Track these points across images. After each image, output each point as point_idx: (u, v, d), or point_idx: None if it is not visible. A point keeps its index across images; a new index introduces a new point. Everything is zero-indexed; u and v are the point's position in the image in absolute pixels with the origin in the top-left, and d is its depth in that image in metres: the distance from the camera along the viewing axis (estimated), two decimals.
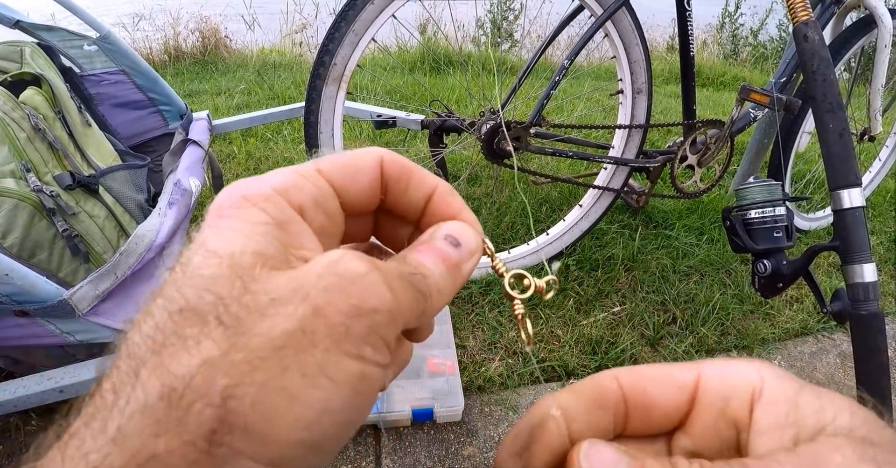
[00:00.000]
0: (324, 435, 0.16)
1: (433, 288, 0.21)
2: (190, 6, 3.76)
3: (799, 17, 1.02)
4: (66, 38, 1.41)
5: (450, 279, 0.22)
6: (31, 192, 0.93)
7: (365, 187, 0.23)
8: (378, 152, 0.23)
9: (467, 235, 0.23)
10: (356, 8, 1.13)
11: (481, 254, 0.24)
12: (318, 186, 0.21)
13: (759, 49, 4.53)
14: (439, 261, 0.22)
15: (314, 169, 0.22)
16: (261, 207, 0.19)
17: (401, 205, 0.24)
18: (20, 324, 0.83)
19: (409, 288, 0.19)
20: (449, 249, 0.22)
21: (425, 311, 0.21)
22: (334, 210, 0.22)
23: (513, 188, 1.88)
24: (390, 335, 0.18)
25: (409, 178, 0.24)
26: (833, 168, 0.96)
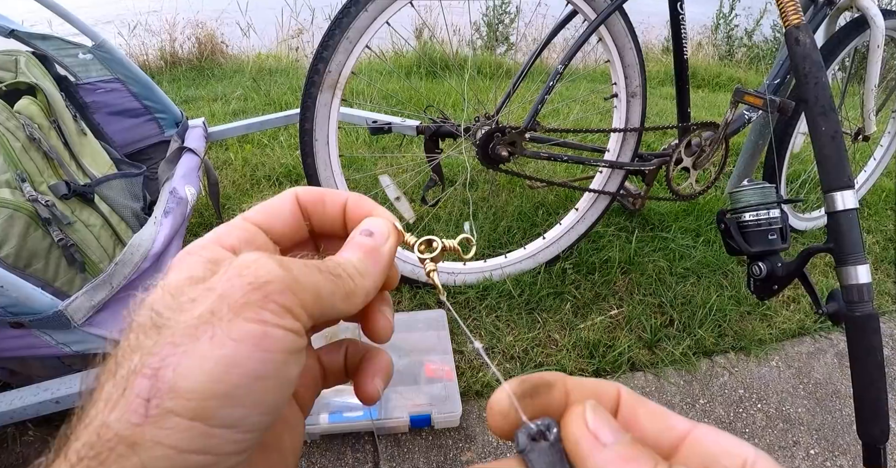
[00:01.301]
0: (235, 385, 0.19)
1: (349, 269, 0.25)
2: (186, 12, 3.77)
3: (790, 21, 1.03)
4: (60, 46, 1.41)
5: (370, 261, 0.26)
6: (27, 201, 0.93)
7: (287, 219, 0.28)
8: (292, 190, 0.29)
9: (377, 224, 0.28)
10: (350, 15, 1.14)
11: (397, 238, 0.28)
12: (243, 228, 0.26)
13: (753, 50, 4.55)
14: (356, 249, 0.27)
15: (240, 218, 0.27)
16: (198, 254, 0.24)
17: (326, 225, 0.29)
18: (16, 336, 0.83)
19: (313, 270, 0.23)
20: (363, 239, 0.27)
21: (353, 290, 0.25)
22: (264, 244, 0.27)
23: (509, 192, 1.88)
24: (289, 301, 0.21)
25: (322, 200, 0.29)
26: (826, 170, 0.96)
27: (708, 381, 1.32)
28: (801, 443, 1.19)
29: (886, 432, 0.91)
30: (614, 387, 0.24)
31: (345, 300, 0.24)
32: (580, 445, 0.20)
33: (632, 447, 0.20)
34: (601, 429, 0.20)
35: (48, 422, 1.09)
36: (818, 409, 1.27)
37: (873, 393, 0.92)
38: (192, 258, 0.23)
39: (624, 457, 0.19)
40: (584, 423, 0.21)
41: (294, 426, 0.27)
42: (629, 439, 0.20)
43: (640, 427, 0.23)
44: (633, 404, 0.23)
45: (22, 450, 1.05)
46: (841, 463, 1.16)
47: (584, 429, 0.20)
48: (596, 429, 0.20)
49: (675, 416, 0.23)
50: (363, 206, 0.29)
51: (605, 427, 0.20)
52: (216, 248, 0.24)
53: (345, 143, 2.20)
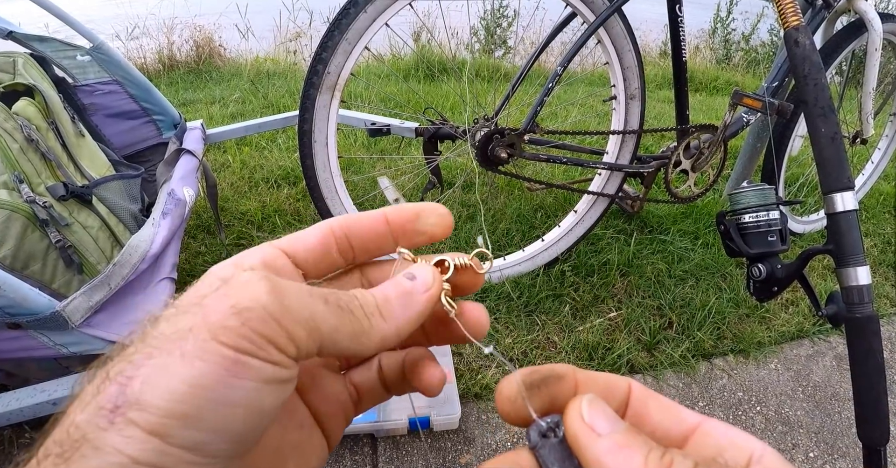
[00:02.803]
0: (198, 407, 0.18)
1: (368, 306, 0.23)
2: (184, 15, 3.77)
3: (789, 23, 1.03)
4: (58, 48, 1.41)
5: (398, 303, 0.24)
6: (24, 203, 0.92)
7: (311, 244, 0.26)
8: (327, 221, 0.27)
9: (423, 270, 0.26)
10: (349, 17, 1.14)
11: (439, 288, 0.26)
12: (265, 251, 0.25)
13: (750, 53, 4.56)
14: (388, 288, 0.25)
15: (266, 243, 0.26)
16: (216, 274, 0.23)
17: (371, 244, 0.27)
18: (13, 337, 0.82)
19: (316, 300, 0.22)
20: (402, 279, 0.25)
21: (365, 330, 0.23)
22: (285, 266, 0.25)
23: (507, 195, 1.88)
24: (270, 331, 0.20)
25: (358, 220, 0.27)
26: (825, 172, 0.96)
27: (707, 384, 1.31)
28: (800, 445, 1.19)
29: (887, 434, 0.91)
30: (625, 381, 0.25)
31: (352, 339, 0.23)
32: (578, 437, 0.21)
33: (626, 435, 0.20)
34: (597, 420, 0.21)
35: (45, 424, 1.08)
36: (817, 412, 1.27)
37: (873, 395, 0.92)
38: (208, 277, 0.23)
39: (619, 445, 0.20)
40: (580, 416, 0.21)
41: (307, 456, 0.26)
42: (624, 427, 0.21)
43: (650, 420, 0.23)
44: (644, 398, 0.24)
45: (19, 452, 1.04)
46: (840, 465, 1.16)
47: (581, 422, 0.21)
48: (592, 420, 0.21)
49: (685, 410, 0.23)
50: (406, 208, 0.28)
51: (601, 418, 0.21)
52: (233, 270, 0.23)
53: (343, 146, 2.19)
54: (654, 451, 0.20)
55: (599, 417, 0.21)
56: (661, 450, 0.20)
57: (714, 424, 0.22)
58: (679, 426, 0.23)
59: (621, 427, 0.21)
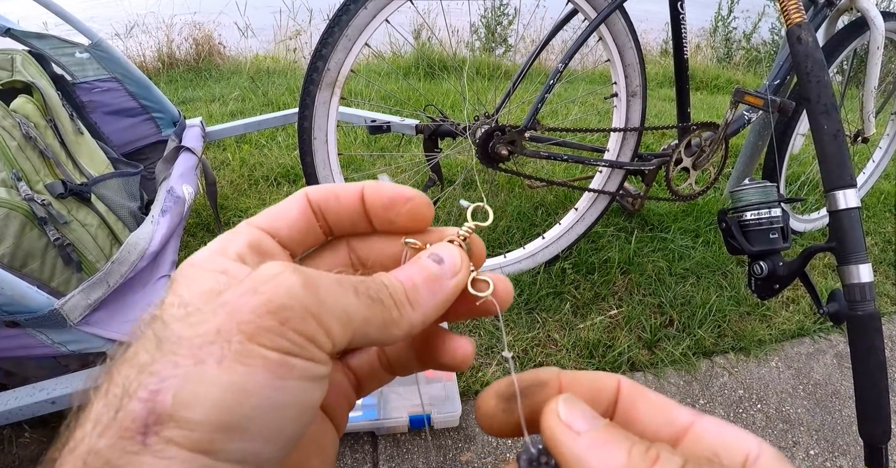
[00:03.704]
0: (247, 416, 0.17)
1: (398, 295, 0.22)
2: (183, 13, 3.76)
3: (792, 20, 1.03)
4: (57, 45, 1.40)
5: (427, 290, 0.23)
6: (23, 200, 0.92)
7: (294, 219, 0.24)
8: (302, 190, 0.25)
9: (450, 252, 0.24)
10: (349, 13, 1.13)
11: (466, 272, 0.24)
12: (247, 234, 0.23)
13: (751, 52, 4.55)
14: (415, 273, 0.23)
15: (244, 223, 0.24)
16: (203, 267, 0.21)
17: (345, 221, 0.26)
18: (11, 335, 0.82)
19: (347, 290, 0.20)
20: (429, 263, 0.23)
21: (395, 320, 0.22)
22: (271, 248, 0.23)
23: (508, 192, 1.88)
24: (310, 329, 0.19)
25: (334, 194, 0.25)
26: (828, 169, 0.96)
27: (708, 382, 1.31)
28: (800, 443, 1.19)
29: (888, 432, 0.90)
30: (613, 379, 0.23)
31: (382, 330, 0.21)
32: (556, 436, 0.20)
33: (607, 431, 0.20)
34: (574, 418, 0.20)
35: (44, 423, 1.08)
36: (818, 410, 1.27)
37: (875, 392, 0.91)
38: (197, 270, 0.21)
39: (598, 442, 0.19)
40: (556, 415, 0.21)
41: (325, 448, 0.25)
42: (604, 424, 0.20)
43: (639, 420, 0.22)
44: (633, 397, 0.23)
45: (18, 451, 1.04)
46: (841, 463, 1.15)
47: (557, 420, 0.20)
48: (568, 419, 0.20)
49: (677, 408, 0.22)
50: (383, 192, 0.25)
51: (578, 416, 0.20)
52: (222, 260, 0.21)
53: (343, 143, 2.19)
54: (637, 446, 0.19)
55: (577, 416, 0.20)
56: (645, 444, 0.19)
57: (707, 424, 0.21)
58: (670, 427, 0.22)
59: (600, 424, 0.20)
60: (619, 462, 0.18)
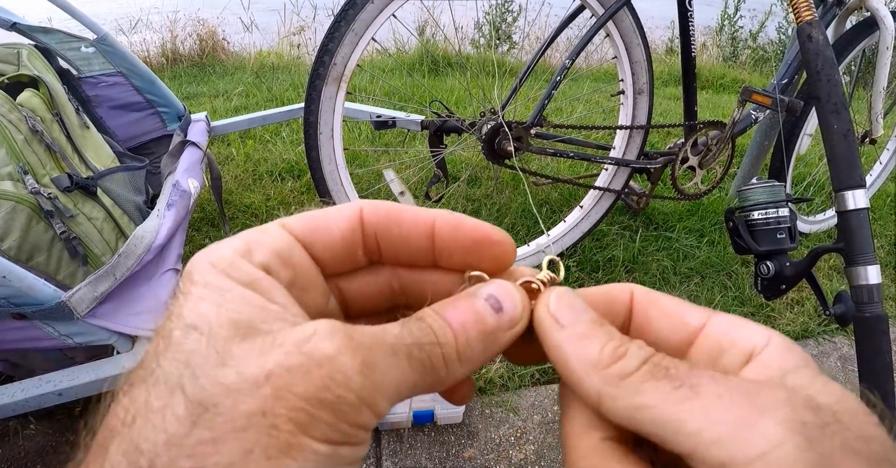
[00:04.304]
0: None
1: (450, 354, 0.20)
2: (187, 9, 3.76)
3: (803, 17, 1.02)
4: (63, 40, 1.40)
5: (480, 347, 0.21)
6: (29, 194, 0.92)
7: (336, 238, 0.22)
8: (357, 203, 0.22)
9: (513, 300, 0.21)
10: (356, 7, 1.13)
11: (525, 323, 0.22)
12: (278, 239, 0.21)
13: (758, 51, 4.54)
14: (472, 325, 0.20)
15: (277, 224, 0.21)
16: (226, 273, 0.19)
17: (403, 252, 0.23)
18: (18, 327, 0.82)
19: (402, 361, 0.19)
20: (487, 312, 0.21)
21: (441, 380, 0.20)
22: (303, 261, 0.21)
23: (513, 189, 1.87)
24: (363, 418, 0.17)
25: (398, 221, 0.22)
26: (837, 169, 0.95)
27: None
28: None
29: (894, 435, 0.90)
30: (626, 290, 0.24)
31: (424, 390, 0.20)
32: (542, 326, 0.21)
33: (588, 326, 0.20)
34: (561, 312, 0.21)
35: (50, 415, 1.08)
36: None
37: (881, 395, 0.91)
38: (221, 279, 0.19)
39: (577, 336, 0.20)
40: (546, 308, 0.21)
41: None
42: (589, 319, 0.21)
43: (651, 329, 0.23)
44: (646, 305, 0.23)
45: (24, 443, 1.04)
46: None
47: (546, 312, 0.21)
48: (556, 312, 0.21)
49: (690, 310, 0.22)
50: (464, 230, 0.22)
51: (566, 310, 0.21)
52: (247, 267, 0.19)
53: (348, 139, 2.19)
54: (612, 342, 0.20)
55: (563, 309, 0.21)
56: (619, 341, 0.20)
57: (717, 324, 0.21)
58: (681, 332, 0.22)
59: (585, 318, 0.21)
60: (591, 356, 0.20)
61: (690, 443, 0.17)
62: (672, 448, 0.18)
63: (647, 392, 0.18)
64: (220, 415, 0.16)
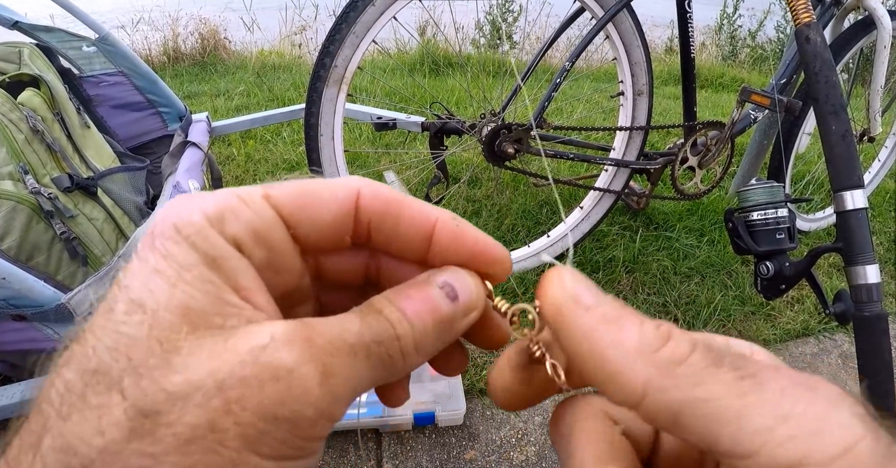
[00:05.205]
0: None
1: (409, 348, 0.19)
2: (189, 7, 3.76)
3: (801, 19, 1.02)
4: (64, 39, 1.40)
5: (434, 335, 0.19)
6: (29, 194, 0.92)
7: (326, 221, 0.20)
8: (354, 184, 0.20)
9: (468, 288, 0.20)
10: (357, 9, 1.13)
11: (481, 310, 0.21)
12: (259, 214, 0.18)
13: (757, 50, 4.54)
14: (427, 313, 0.19)
15: (261, 193, 0.19)
16: (190, 241, 0.17)
17: (394, 245, 0.21)
18: (18, 329, 0.82)
19: (363, 361, 0.18)
20: (442, 301, 0.20)
21: (397, 372, 0.19)
22: (282, 243, 0.19)
23: (513, 190, 1.87)
24: (318, 431, 0.16)
25: (398, 214, 0.20)
26: (836, 169, 0.95)
27: None
28: None
29: None
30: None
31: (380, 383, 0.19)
32: (561, 311, 0.18)
33: (614, 307, 0.18)
34: (580, 291, 0.18)
35: None
36: None
37: (881, 393, 0.91)
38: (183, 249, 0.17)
39: (609, 318, 0.17)
40: (561, 287, 0.18)
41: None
42: (611, 299, 0.18)
43: None
44: None
45: None
46: None
47: (562, 292, 0.18)
48: (575, 292, 0.18)
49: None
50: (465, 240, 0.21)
51: (584, 290, 0.18)
52: (216, 239, 0.17)
53: (348, 140, 2.19)
54: (647, 322, 0.17)
55: (583, 289, 0.18)
56: (655, 322, 0.17)
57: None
58: None
59: (608, 299, 0.18)
60: (632, 340, 0.17)
61: (755, 443, 0.15)
62: (724, 448, 0.15)
63: (707, 382, 0.16)
64: (162, 426, 0.14)
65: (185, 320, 0.16)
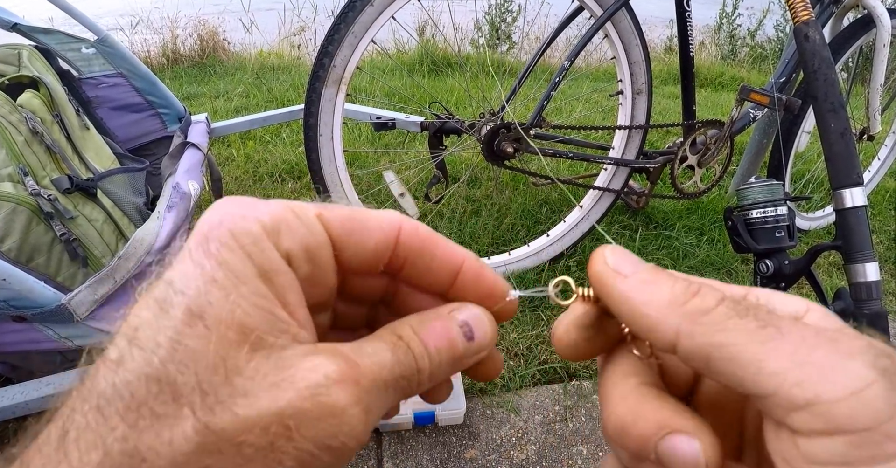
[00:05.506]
0: None
1: (425, 379, 0.21)
2: (188, 9, 3.76)
3: (800, 17, 1.02)
4: (63, 41, 1.40)
5: (447, 369, 0.22)
6: (29, 195, 0.92)
7: (368, 250, 0.22)
8: (398, 220, 0.22)
9: (483, 330, 0.23)
10: (355, 9, 1.13)
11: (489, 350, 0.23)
12: (312, 231, 0.20)
13: (756, 49, 4.54)
14: (445, 350, 0.21)
15: (314, 212, 0.21)
16: (247, 251, 0.18)
17: (424, 279, 0.24)
18: (18, 330, 0.82)
19: (392, 393, 0.20)
20: (460, 339, 0.22)
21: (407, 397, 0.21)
22: (326, 262, 0.21)
23: (513, 190, 1.87)
24: (353, 456, 0.19)
25: (432, 253, 0.23)
26: (835, 167, 0.96)
27: None
28: None
29: None
30: None
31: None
32: (603, 281, 0.21)
33: (650, 272, 0.21)
34: (620, 264, 0.21)
35: None
36: None
37: None
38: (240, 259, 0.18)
39: (644, 281, 0.20)
40: (604, 262, 0.21)
41: None
42: (650, 267, 0.21)
43: None
44: None
45: None
46: None
47: (605, 266, 0.21)
48: (616, 264, 0.21)
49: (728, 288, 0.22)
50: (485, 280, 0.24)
51: (623, 261, 0.21)
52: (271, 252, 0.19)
53: (348, 140, 2.19)
54: (679, 282, 0.20)
55: (622, 261, 0.21)
56: (687, 281, 0.20)
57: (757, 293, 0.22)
58: None
59: (646, 266, 0.21)
60: (664, 296, 0.19)
61: (772, 383, 0.17)
62: (747, 388, 0.17)
63: (731, 329, 0.18)
64: (227, 444, 0.16)
65: (244, 338, 0.17)
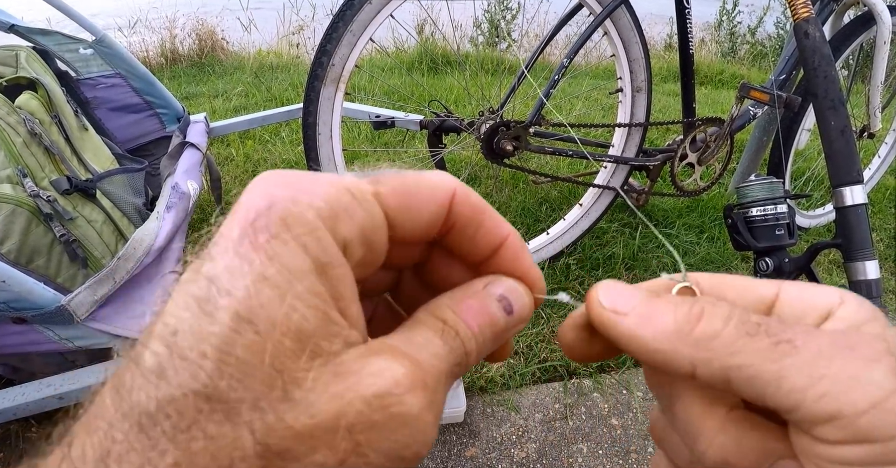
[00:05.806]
0: None
1: (473, 360, 0.20)
2: (186, 8, 3.76)
3: (800, 14, 1.02)
4: (61, 41, 1.40)
5: (490, 345, 0.21)
6: (28, 197, 0.92)
7: (423, 222, 0.20)
8: (451, 184, 0.20)
9: (522, 303, 0.22)
10: (354, 8, 1.13)
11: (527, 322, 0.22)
12: (371, 215, 0.18)
13: (756, 47, 4.53)
14: (487, 327, 0.20)
15: (371, 191, 0.18)
16: (302, 242, 0.16)
17: (464, 248, 0.22)
18: (18, 331, 0.82)
19: (450, 383, 0.19)
20: (500, 314, 0.21)
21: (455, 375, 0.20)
22: (380, 244, 0.19)
23: (512, 188, 1.87)
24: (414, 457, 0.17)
25: (479, 223, 0.21)
26: (835, 165, 0.95)
27: None
28: None
29: None
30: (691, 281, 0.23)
31: None
32: (604, 324, 0.21)
33: (647, 305, 0.20)
34: (615, 302, 0.21)
35: (50, 418, 1.09)
36: None
37: None
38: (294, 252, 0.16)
39: (643, 318, 0.20)
40: (599, 305, 0.21)
41: None
42: (643, 297, 0.20)
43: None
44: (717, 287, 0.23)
45: (25, 446, 1.04)
46: None
47: (602, 310, 0.21)
48: (611, 305, 0.21)
49: (761, 285, 0.22)
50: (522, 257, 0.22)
51: (618, 299, 0.21)
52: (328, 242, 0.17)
53: (347, 139, 2.19)
54: (679, 308, 0.19)
55: (616, 299, 0.21)
56: (687, 304, 0.19)
57: (787, 291, 0.21)
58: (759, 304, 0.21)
59: (640, 296, 0.20)
60: (668, 327, 0.19)
61: (793, 400, 0.17)
62: (771, 405, 0.17)
63: (743, 351, 0.18)
64: (292, 463, 0.15)
65: (301, 346, 0.15)
